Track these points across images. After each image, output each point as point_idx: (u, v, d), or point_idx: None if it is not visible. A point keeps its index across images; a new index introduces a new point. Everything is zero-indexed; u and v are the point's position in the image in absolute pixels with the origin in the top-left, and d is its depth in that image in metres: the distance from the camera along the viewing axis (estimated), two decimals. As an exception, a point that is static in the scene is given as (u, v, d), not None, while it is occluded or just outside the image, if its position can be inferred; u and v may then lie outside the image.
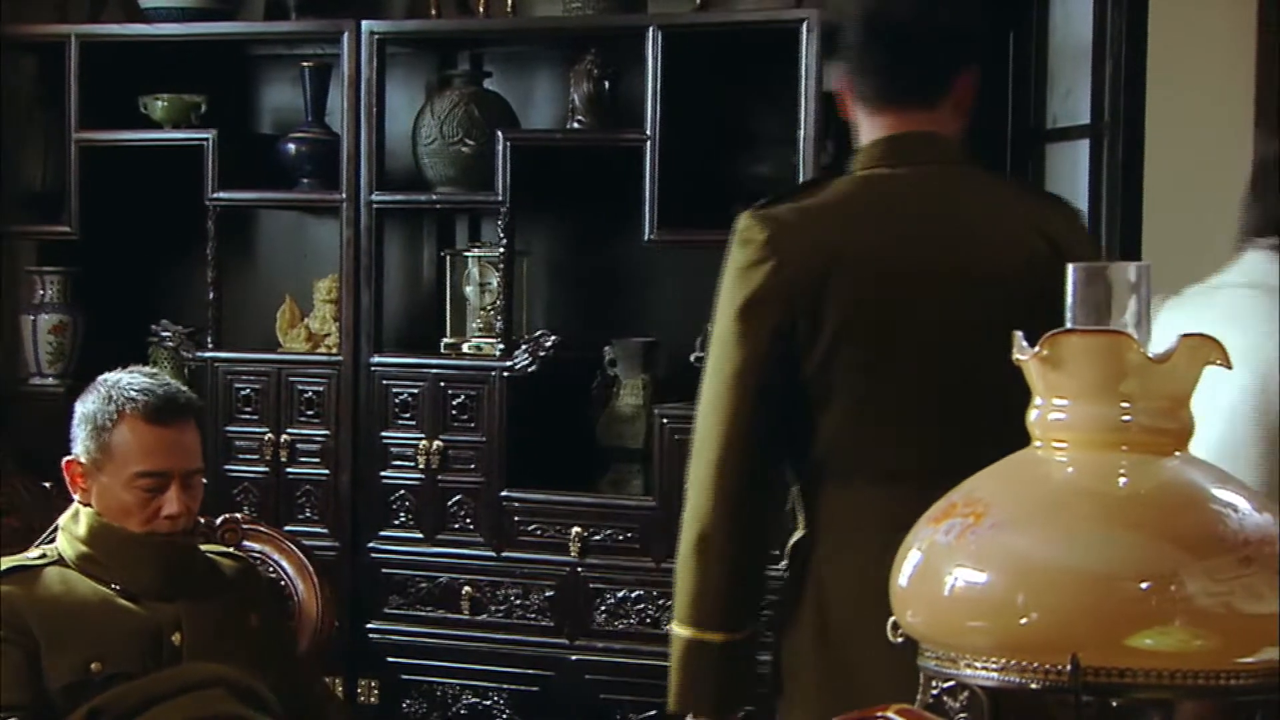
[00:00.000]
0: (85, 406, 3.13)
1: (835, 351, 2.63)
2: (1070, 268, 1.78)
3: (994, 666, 1.74)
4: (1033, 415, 1.82)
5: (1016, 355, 1.81)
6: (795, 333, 2.65)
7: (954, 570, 1.76)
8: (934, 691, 1.80)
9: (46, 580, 3.06)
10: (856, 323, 2.63)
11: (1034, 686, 1.71)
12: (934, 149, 2.71)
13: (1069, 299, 1.78)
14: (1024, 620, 1.72)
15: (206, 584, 3.14)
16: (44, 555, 3.12)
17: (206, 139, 4.77)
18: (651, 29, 4.38)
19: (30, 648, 2.98)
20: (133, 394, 3.09)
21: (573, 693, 4.45)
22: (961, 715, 1.79)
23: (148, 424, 3.07)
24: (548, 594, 4.48)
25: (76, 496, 3.13)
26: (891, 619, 1.82)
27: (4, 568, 3.06)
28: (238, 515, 3.56)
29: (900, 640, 1.84)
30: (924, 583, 1.79)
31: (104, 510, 3.08)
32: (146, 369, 3.24)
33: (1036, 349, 1.79)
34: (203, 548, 3.25)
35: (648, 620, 4.38)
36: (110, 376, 3.16)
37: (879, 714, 1.67)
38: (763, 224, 2.71)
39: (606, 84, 4.53)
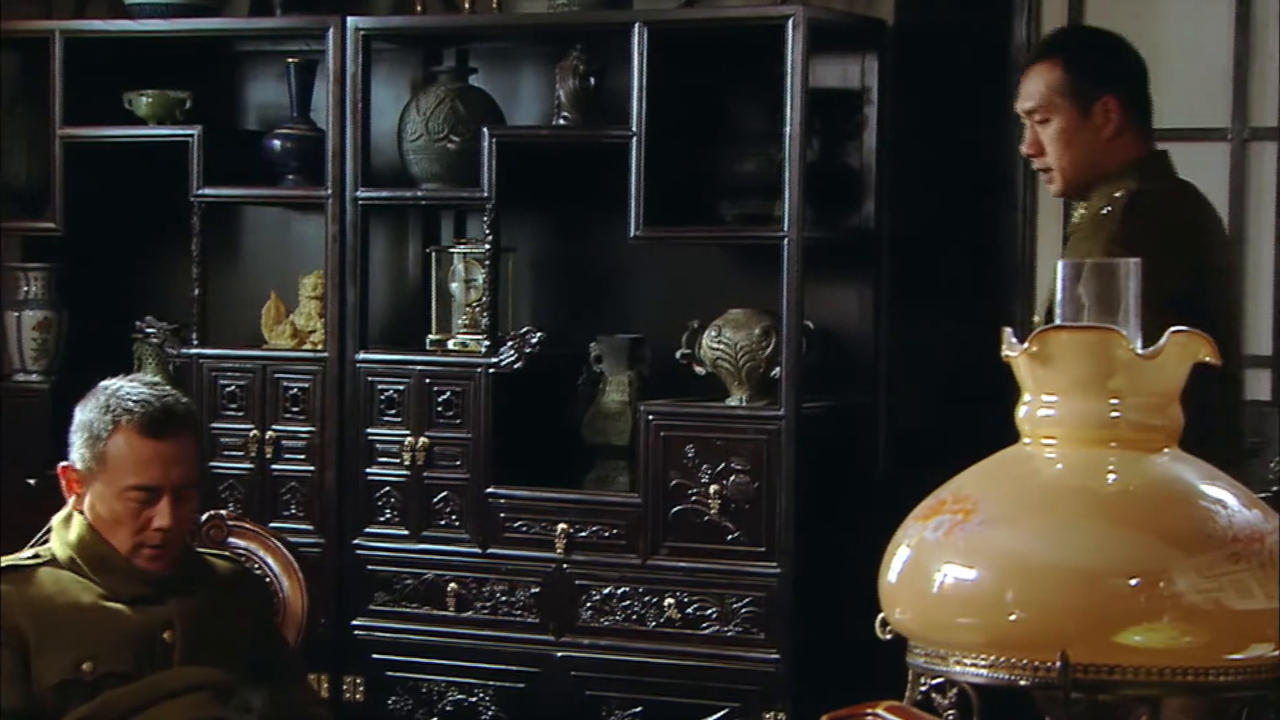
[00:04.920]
0: (83, 414, 3.11)
1: None
2: (1060, 264, 1.79)
3: (983, 664, 1.74)
4: (1021, 411, 1.82)
5: (1005, 351, 1.81)
6: None
7: (943, 567, 1.77)
8: (922, 688, 1.80)
9: (39, 580, 3.05)
10: None
11: (1023, 683, 1.71)
12: None
13: (1059, 295, 1.79)
14: (1013, 617, 1.72)
15: (198, 583, 3.14)
16: (37, 555, 3.11)
17: (191, 135, 4.76)
18: (637, 25, 4.37)
19: (23, 650, 2.98)
20: (130, 405, 3.06)
21: (558, 689, 4.44)
22: (950, 712, 1.80)
23: (142, 437, 3.05)
24: (533, 591, 4.47)
25: (70, 501, 3.12)
26: (880, 616, 1.82)
27: None
28: (222, 512, 3.55)
29: (888, 638, 1.84)
30: (913, 580, 1.79)
31: (96, 519, 3.08)
32: (147, 377, 3.25)
33: (1025, 345, 1.79)
34: (198, 550, 3.25)
35: (633, 617, 4.38)
36: (111, 384, 3.13)
37: (868, 710, 1.67)
38: None
39: (592, 80, 4.52)
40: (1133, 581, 1.69)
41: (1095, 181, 3.41)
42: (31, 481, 4.54)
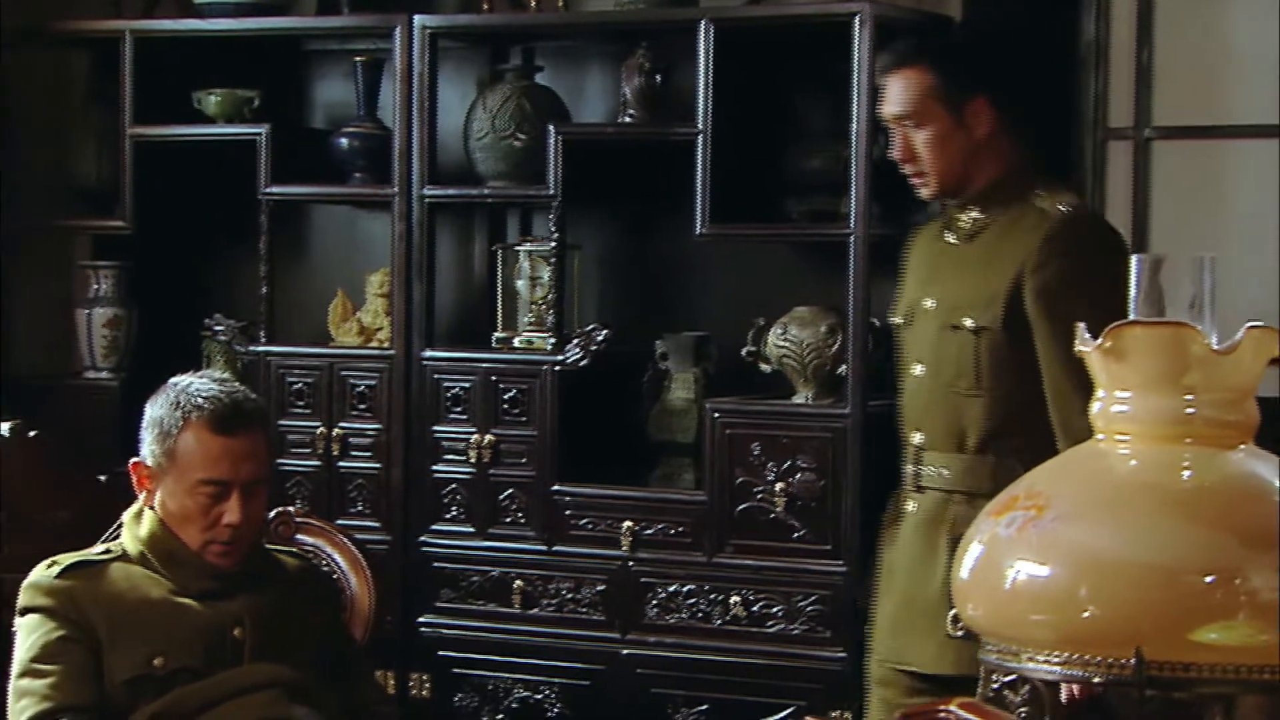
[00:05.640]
0: (154, 411, 3.13)
1: None
2: (1134, 259, 1.78)
3: (1056, 660, 1.73)
4: (1095, 407, 1.81)
5: (1079, 347, 1.80)
6: None
7: (1015, 563, 1.76)
8: (994, 685, 1.79)
9: (111, 576, 3.07)
10: None
11: (1096, 680, 1.70)
12: None
13: (1132, 290, 1.78)
14: (1086, 614, 1.71)
15: (268, 580, 3.16)
16: (108, 551, 3.13)
17: (259, 134, 4.79)
18: (703, 23, 4.37)
19: (94, 646, 3.00)
20: (199, 401, 3.09)
21: (624, 687, 4.44)
22: (1022, 709, 1.79)
23: (212, 433, 3.07)
24: (599, 588, 4.48)
25: (141, 497, 3.14)
26: (952, 612, 1.81)
27: (69, 563, 3.07)
28: (290, 509, 3.57)
29: (960, 634, 1.84)
30: (985, 576, 1.78)
31: (166, 515, 3.10)
32: (216, 374, 3.25)
33: (1099, 340, 1.78)
34: (267, 546, 3.27)
35: (699, 615, 4.38)
36: (180, 380, 3.15)
37: (942, 708, 1.67)
38: None
39: (658, 78, 4.52)
40: (1208, 579, 1.68)
41: (970, 185, 3.38)
42: (102, 478, 4.57)
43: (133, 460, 3.15)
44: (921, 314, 3.40)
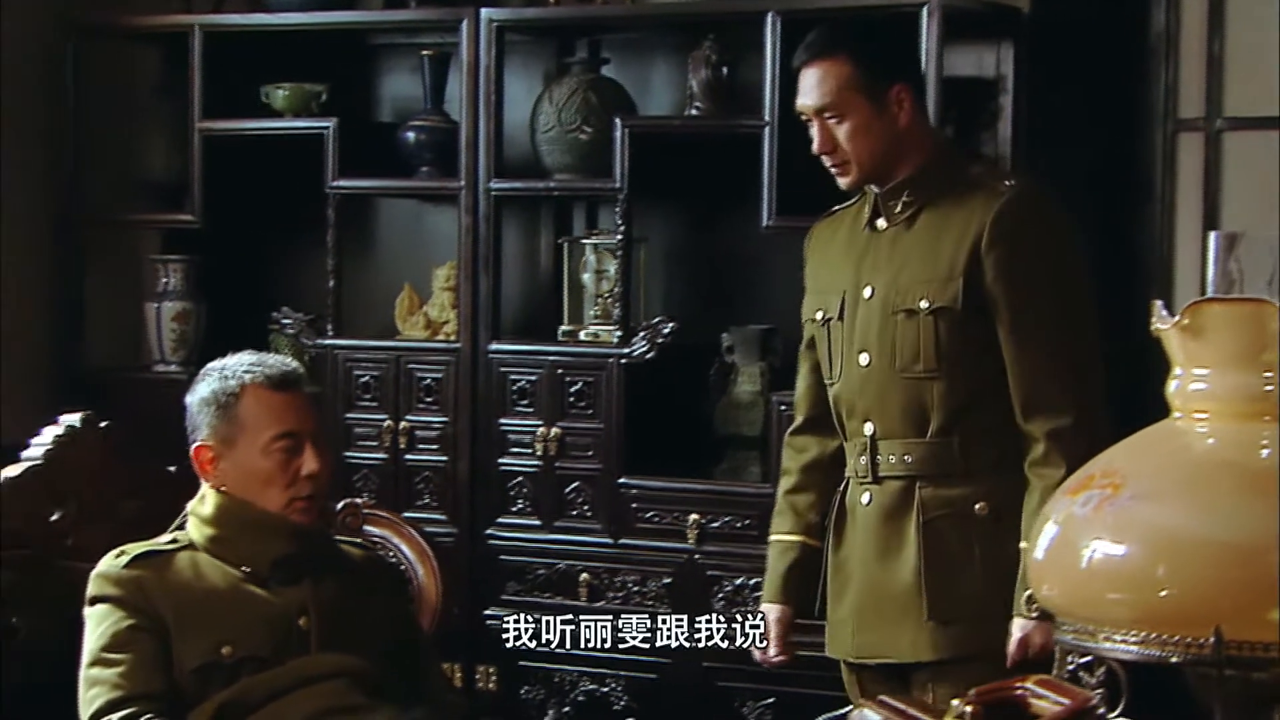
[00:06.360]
0: (199, 393, 3.17)
1: None
2: (1212, 235, 1.76)
3: (1133, 640, 1.72)
4: (1172, 386, 1.79)
5: (1156, 325, 1.78)
6: None
7: (1092, 542, 1.74)
8: (1070, 665, 1.78)
9: (178, 565, 3.09)
10: None
11: (1174, 660, 1.69)
12: None
13: (1210, 268, 1.76)
14: (1164, 593, 1.70)
15: (333, 566, 3.17)
16: (175, 540, 3.15)
17: (327, 128, 4.81)
18: (770, 15, 4.36)
19: (162, 634, 3.01)
20: (247, 368, 3.17)
21: (690, 680, 4.43)
22: (1098, 691, 1.77)
23: (271, 390, 3.14)
24: (665, 581, 4.47)
25: (209, 483, 3.16)
26: (1028, 592, 1.80)
27: (137, 553, 3.10)
28: (358, 500, 3.59)
29: (1035, 614, 1.82)
30: (1061, 555, 1.77)
31: (239, 488, 3.12)
32: (247, 351, 3.29)
33: (1177, 318, 1.77)
34: (334, 537, 3.28)
35: (765, 608, 4.36)
36: (215, 364, 3.23)
37: (1018, 684, 1.65)
38: None
39: (725, 70, 4.51)
40: (1287, 558, 1.66)
41: (895, 172, 3.34)
42: (172, 469, 4.60)
43: (194, 445, 3.17)
44: (862, 304, 3.33)
